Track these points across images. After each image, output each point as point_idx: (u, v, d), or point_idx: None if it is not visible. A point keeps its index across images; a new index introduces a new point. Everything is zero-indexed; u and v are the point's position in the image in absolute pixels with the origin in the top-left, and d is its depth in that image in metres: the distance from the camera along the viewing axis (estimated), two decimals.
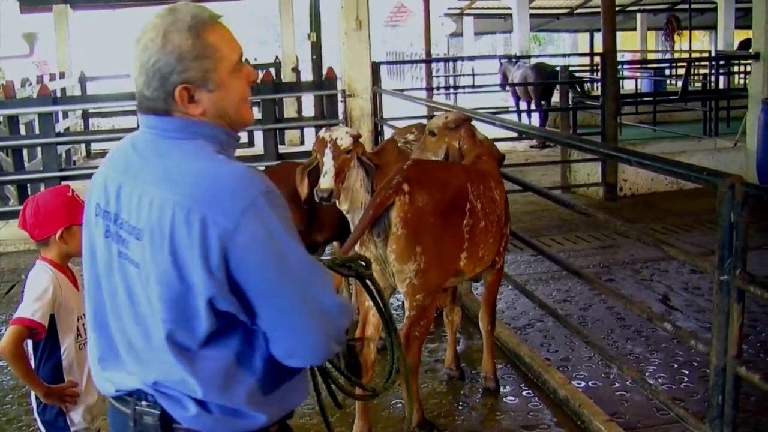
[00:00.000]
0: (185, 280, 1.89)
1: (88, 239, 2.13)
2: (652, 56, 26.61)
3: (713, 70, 16.38)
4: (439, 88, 21.44)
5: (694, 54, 21.90)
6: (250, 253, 1.88)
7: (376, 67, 10.14)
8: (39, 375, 3.20)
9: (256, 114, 13.91)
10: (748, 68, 13.52)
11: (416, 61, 26.88)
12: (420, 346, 4.40)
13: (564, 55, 25.75)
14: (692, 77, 18.37)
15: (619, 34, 14.98)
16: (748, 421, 4.41)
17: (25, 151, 10.25)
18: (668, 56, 23.95)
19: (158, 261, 1.91)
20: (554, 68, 15.28)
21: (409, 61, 30.35)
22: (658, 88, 18.97)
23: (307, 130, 15.09)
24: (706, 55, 22.01)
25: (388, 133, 9.54)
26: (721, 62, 17.26)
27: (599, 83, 12.59)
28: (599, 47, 13.81)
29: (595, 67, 18.47)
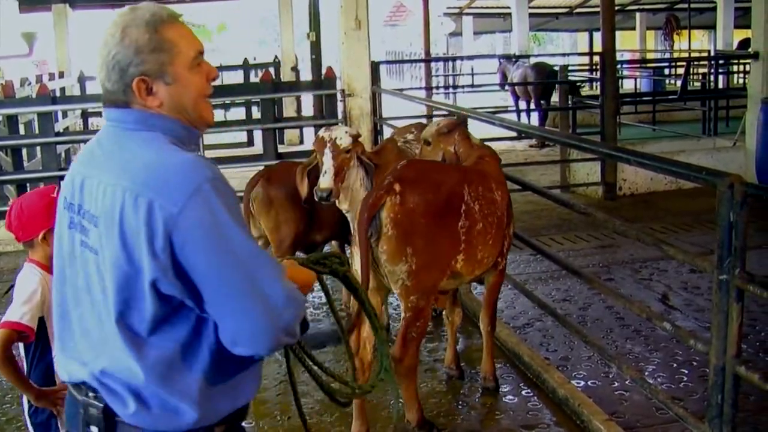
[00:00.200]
0: (133, 263, 1.95)
1: (58, 233, 2.20)
2: (652, 56, 26.60)
3: (712, 70, 16.39)
4: (438, 88, 21.45)
5: (694, 53, 21.93)
6: (193, 238, 1.92)
7: (376, 67, 10.14)
8: (30, 377, 3.19)
9: (256, 113, 14.01)
10: (748, 68, 13.53)
11: (415, 61, 26.87)
12: (417, 346, 4.39)
13: (563, 55, 25.75)
14: (691, 77, 18.37)
15: (619, 34, 14.96)
16: (748, 421, 4.41)
17: (24, 151, 10.24)
18: (667, 56, 23.96)
19: (110, 245, 1.97)
20: (553, 68, 15.29)
21: (409, 61, 30.34)
22: (658, 88, 18.98)
23: (306, 130, 15.10)
24: (706, 55, 22.01)
25: (387, 133, 9.54)
26: (721, 62, 17.26)
27: (598, 83, 12.59)
28: (598, 47, 13.81)
29: (595, 67, 18.48)
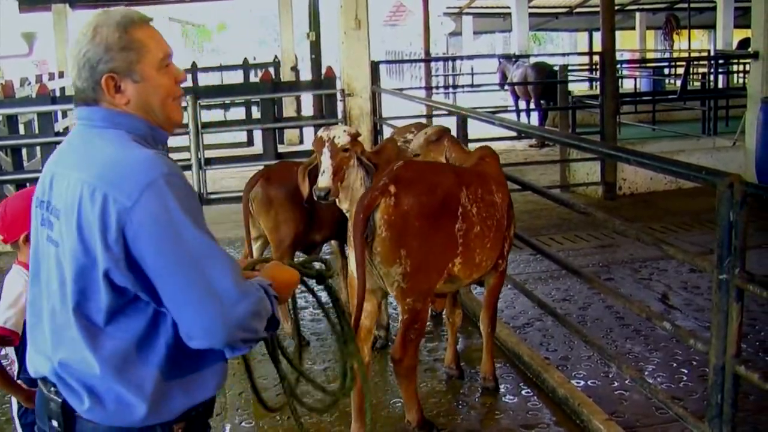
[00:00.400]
0: (89, 254, 2.01)
1: (33, 232, 2.25)
2: (651, 55, 26.60)
3: (712, 69, 16.38)
4: (438, 87, 21.46)
5: (693, 53, 21.92)
6: (145, 231, 1.97)
7: (375, 67, 10.14)
8: (21, 378, 3.19)
9: (255, 113, 14.01)
10: (747, 67, 13.54)
11: (415, 61, 26.89)
12: (416, 348, 4.37)
13: (563, 54, 25.76)
14: (691, 76, 18.36)
15: (618, 33, 14.95)
16: (747, 420, 4.41)
17: (24, 151, 10.24)
18: (667, 55, 23.95)
19: (69, 236, 2.04)
20: (553, 67, 15.29)
21: (408, 61, 30.36)
22: (657, 88, 18.96)
23: (306, 130, 15.11)
24: (705, 54, 22.01)
25: (387, 132, 9.55)
26: (720, 61, 17.26)
27: (598, 82, 12.59)
28: (598, 46, 13.81)
29: (594, 67, 18.47)
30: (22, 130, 10.37)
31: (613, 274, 7.31)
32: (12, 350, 3.23)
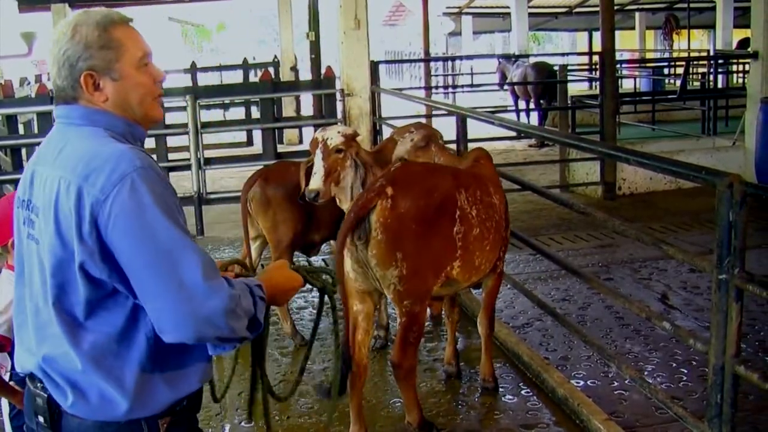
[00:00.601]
0: (67, 247, 2.04)
1: (16, 231, 2.28)
2: (651, 55, 26.60)
3: (712, 69, 16.39)
4: (437, 87, 21.45)
5: (693, 53, 21.92)
6: (117, 223, 1.99)
7: (375, 66, 10.13)
8: (13, 381, 3.19)
9: (255, 113, 14.00)
10: (747, 67, 13.54)
11: (415, 60, 26.90)
12: (415, 351, 4.36)
13: (563, 54, 25.76)
14: (691, 76, 18.37)
15: (618, 33, 14.94)
16: (747, 420, 4.41)
17: (24, 151, 10.23)
18: (667, 55, 23.96)
19: (47, 232, 2.07)
20: (553, 67, 15.29)
21: (408, 60, 30.38)
22: (657, 87, 18.96)
23: (305, 129, 15.10)
24: (705, 54, 22.02)
25: (386, 132, 9.55)
26: (720, 61, 17.27)
27: (598, 82, 12.59)
28: (598, 46, 13.81)
29: (594, 66, 18.47)
30: (21, 130, 10.36)
31: (613, 274, 7.31)
32: (4, 356, 3.22)
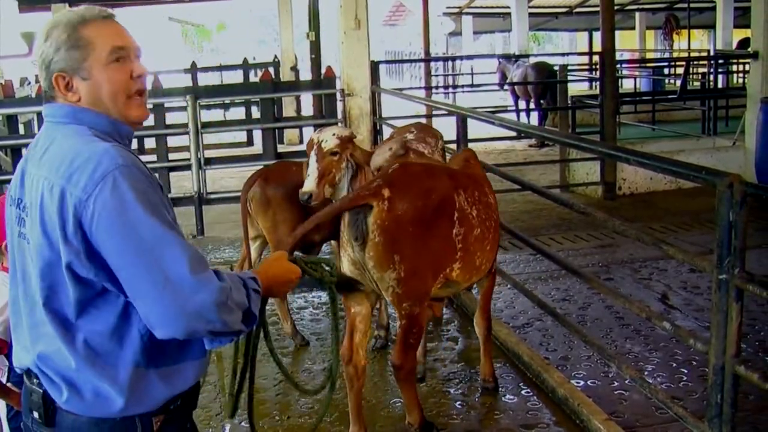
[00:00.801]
0: (53, 248, 2.05)
1: (8, 230, 2.29)
2: (651, 55, 26.60)
3: (712, 69, 16.40)
4: (437, 87, 21.46)
5: (693, 53, 21.92)
6: (100, 222, 1.99)
7: (375, 66, 10.14)
8: (11, 382, 3.19)
9: (255, 113, 14.01)
10: (747, 67, 13.54)
11: (415, 60, 26.90)
12: (415, 352, 4.36)
13: (563, 54, 25.76)
14: (691, 76, 18.37)
15: (618, 33, 14.94)
16: (747, 420, 4.41)
17: (24, 151, 10.24)
18: (667, 55, 23.97)
19: (35, 232, 2.09)
20: (553, 67, 15.29)
21: (408, 60, 30.38)
22: (657, 87, 18.97)
23: (305, 129, 15.09)
24: (705, 54, 22.03)
25: (386, 132, 9.55)
26: (720, 61, 17.27)
27: (598, 82, 12.60)
28: (598, 46, 13.81)
29: (594, 66, 18.48)
30: (22, 130, 10.36)
31: (613, 274, 7.31)
32: (1, 358, 3.22)
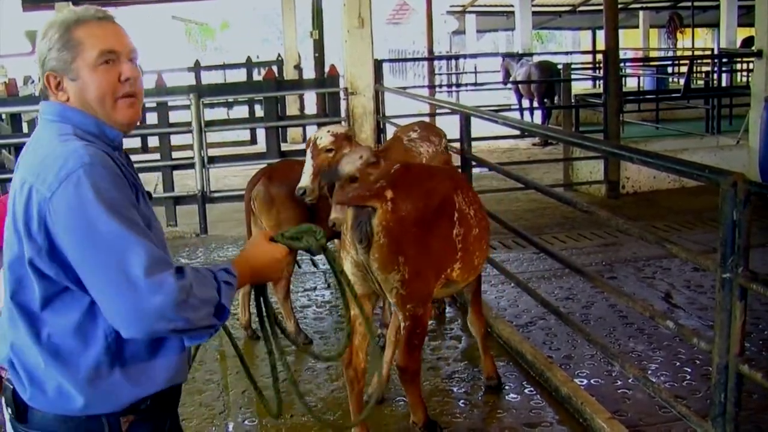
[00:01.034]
0: (20, 243, 2.09)
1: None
2: (655, 54, 26.59)
3: (716, 68, 16.38)
4: (441, 86, 21.44)
5: (697, 52, 21.91)
6: (61, 221, 2.01)
7: (379, 65, 10.14)
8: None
9: (258, 112, 14.02)
10: (751, 66, 13.55)
11: (418, 59, 26.88)
12: (420, 353, 4.36)
13: (566, 53, 25.75)
14: (695, 75, 18.34)
15: (622, 32, 14.97)
16: (751, 419, 4.41)
17: None
18: (671, 54, 23.93)
19: (7, 227, 2.14)
20: (557, 66, 15.28)
21: (412, 59, 30.34)
22: (661, 86, 18.96)
23: (309, 128, 15.07)
24: (709, 53, 22.00)
25: (390, 131, 9.55)
26: (724, 60, 17.23)
27: (601, 81, 12.59)
28: (601, 45, 13.80)
29: (598, 65, 18.47)
30: (25, 129, 10.37)
31: (617, 273, 7.30)
32: None
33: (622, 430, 4.27)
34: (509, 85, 17.08)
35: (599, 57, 16.87)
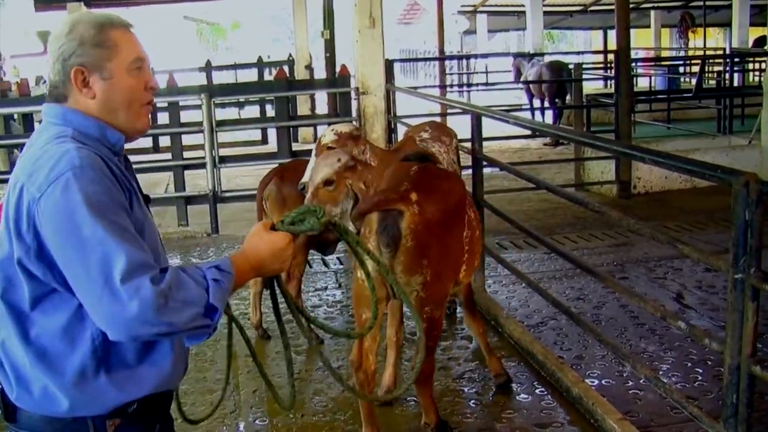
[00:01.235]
0: (11, 242, 2.08)
1: None
2: (666, 53, 26.53)
3: (728, 68, 16.33)
4: (452, 86, 21.43)
5: (709, 51, 21.84)
6: (48, 223, 2.01)
7: (390, 65, 10.15)
8: None
9: (270, 111, 14.04)
10: (763, 65, 13.50)
11: (429, 59, 26.88)
12: (434, 355, 4.39)
13: (577, 53, 25.71)
14: (706, 75, 18.28)
15: (633, 32, 14.92)
16: (763, 420, 4.39)
17: None
18: (682, 53, 23.86)
19: (1, 226, 2.14)
20: (568, 66, 15.26)
21: (423, 59, 30.33)
22: (672, 86, 18.89)
23: (320, 128, 15.08)
24: (721, 53, 21.93)
25: (401, 131, 9.55)
26: (736, 59, 17.18)
27: (613, 81, 12.56)
28: (613, 44, 13.77)
29: (609, 65, 18.43)
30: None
31: (628, 273, 7.28)
32: None
33: (633, 430, 4.27)
34: (520, 85, 17.06)
35: (610, 57, 16.82)
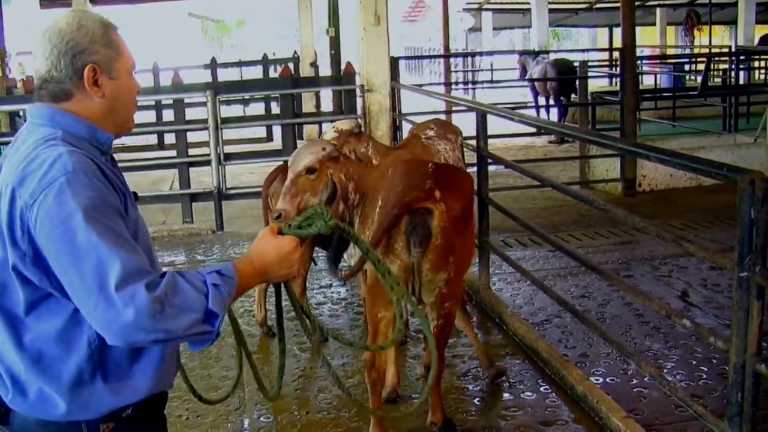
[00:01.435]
0: (4, 248, 2.05)
1: None
2: (672, 51, 26.48)
3: (733, 66, 16.29)
4: (457, 83, 21.44)
5: (714, 49, 21.83)
6: (43, 229, 1.98)
7: (395, 62, 10.14)
8: None
9: (275, 109, 14.04)
10: None
11: (434, 56, 26.93)
12: (444, 352, 4.42)
13: (583, 51, 25.68)
14: (712, 72, 18.26)
15: (639, 29, 14.89)
16: (767, 419, 4.39)
17: None
18: (688, 51, 23.84)
19: None
20: (573, 64, 15.25)
21: (428, 56, 30.38)
22: (678, 84, 18.87)
23: (325, 125, 15.08)
24: (726, 51, 21.89)
25: (406, 128, 9.55)
26: (742, 57, 17.15)
27: (618, 78, 12.55)
28: (618, 42, 13.75)
29: (614, 63, 18.41)
30: None
31: (633, 271, 7.28)
32: None
33: (637, 428, 4.27)
34: (525, 83, 17.05)
35: (616, 54, 16.82)
